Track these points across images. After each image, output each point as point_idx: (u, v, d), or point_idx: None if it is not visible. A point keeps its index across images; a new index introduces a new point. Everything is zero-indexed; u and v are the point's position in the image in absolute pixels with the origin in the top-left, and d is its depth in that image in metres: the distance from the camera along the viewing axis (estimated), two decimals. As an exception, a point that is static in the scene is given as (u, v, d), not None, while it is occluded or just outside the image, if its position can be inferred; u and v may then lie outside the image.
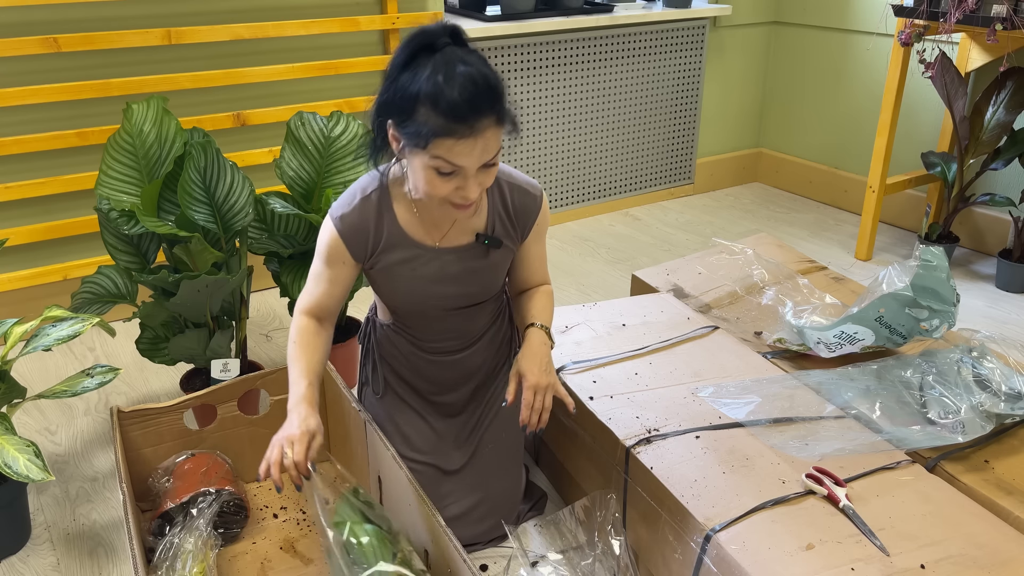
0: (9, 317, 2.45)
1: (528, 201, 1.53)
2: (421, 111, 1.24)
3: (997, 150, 2.85)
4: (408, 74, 1.27)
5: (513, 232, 1.54)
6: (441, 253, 1.50)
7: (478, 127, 1.24)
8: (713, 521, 1.32)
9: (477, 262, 1.53)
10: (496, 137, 1.28)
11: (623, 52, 3.32)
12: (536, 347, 1.50)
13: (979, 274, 2.98)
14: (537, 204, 1.54)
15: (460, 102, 1.22)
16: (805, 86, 3.66)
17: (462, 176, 1.29)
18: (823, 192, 3.69)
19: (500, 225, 1.52)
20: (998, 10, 2.50)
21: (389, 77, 1.31)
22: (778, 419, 1.57)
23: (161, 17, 2.45)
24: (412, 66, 1.27)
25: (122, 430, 1.67)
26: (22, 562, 1.68)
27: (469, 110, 1.22)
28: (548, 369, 1.47)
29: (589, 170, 3.44)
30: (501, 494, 1.68)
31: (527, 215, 1.53)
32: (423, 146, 1.26)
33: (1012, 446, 1.54)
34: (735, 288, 2.13)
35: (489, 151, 1.28)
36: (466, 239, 1.51)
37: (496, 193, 1.51)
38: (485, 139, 1.26)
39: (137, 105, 1.89)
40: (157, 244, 1.96)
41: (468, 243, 1.51)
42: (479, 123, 1.24)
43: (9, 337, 1.68)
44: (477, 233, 1.51)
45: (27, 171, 2.41)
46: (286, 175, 2.04)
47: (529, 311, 1.58)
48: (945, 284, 1.64)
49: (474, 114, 1.23)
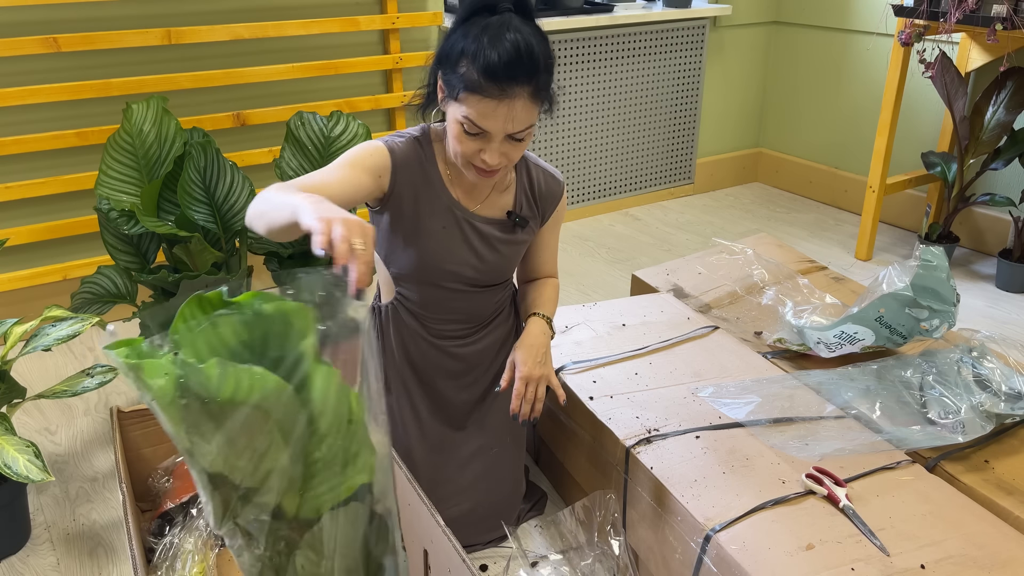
0: (9, 317, 2.45)
1: (553, 186, 1.58)
2: (463, 63, 1.29)
3: (997, 150, 2.85)
4: (462, 29, 1.32)
5: (536, 214, 1.58)
6: (473, 219, 1.51)
7: (509, 92, 1.27)
8: (713, 521, 1.32)
9: (503, 237, 1.55)
10: (527, 110, 1.30)
11: (623, 52, 3.32)
12: (534, 336, 1.52)
13: (979, 274, 2.98)
14: (560, 190, 1.60)
15: (497, 64, 1.25)
16: (805, 86, 3.66)
17: (486, 140, 1.32)
18: (823, 192, 3.69)
19: (527, 206, 1.57)
20: (998, 10, 2.50)
21: (448, 33, 1.36)
22: (778, 419, 1.57)
23: (161, 17, 2.45)
24: (468, 23, 1.32)
25: (122, 430, 1.67)
26: (22, 562, 1.68)
27: (504, 73, 1.25)
28: (543, 360, 1.49)
29: (589, 170, 3.44)
30: (503, 497, 1.68)
31: (551, 199, 1.58)
32: (455, 96, 1.30)
33: (1012, 446, 1.54)
34: (735, 288, 2.13)
35: (517, 121, 1.30)
36: (496, 214, 1.54)
37: (524, 175, 1.56)
38: (513, 107, 1.28)
39: (137, 105, 1.89)
40: (157, 244, 1.96)
41: (498, 218, 1.54)
42: (511, 89, 1.27)
43: (9, 337, 1.68)
44: (508, 211, 1.55)
45: (27, 171, 2.41)
46: (286, 175, 2.04)
47: (534, 300, 1.61)
48: (945, 284, 1.64)
49: (507, 79, 1.26)
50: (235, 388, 0.84)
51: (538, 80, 1.29)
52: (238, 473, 0.87)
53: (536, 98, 1.31)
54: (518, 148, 1.35)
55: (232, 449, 0.86)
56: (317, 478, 0.92)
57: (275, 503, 0.90)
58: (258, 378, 0.85)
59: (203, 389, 0.84)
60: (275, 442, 0.87)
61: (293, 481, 0.90)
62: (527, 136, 1.34)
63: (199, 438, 0.86)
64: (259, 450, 0.87)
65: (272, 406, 0.86)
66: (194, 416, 0.85)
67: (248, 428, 0.85)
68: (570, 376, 1.74)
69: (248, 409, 0.85)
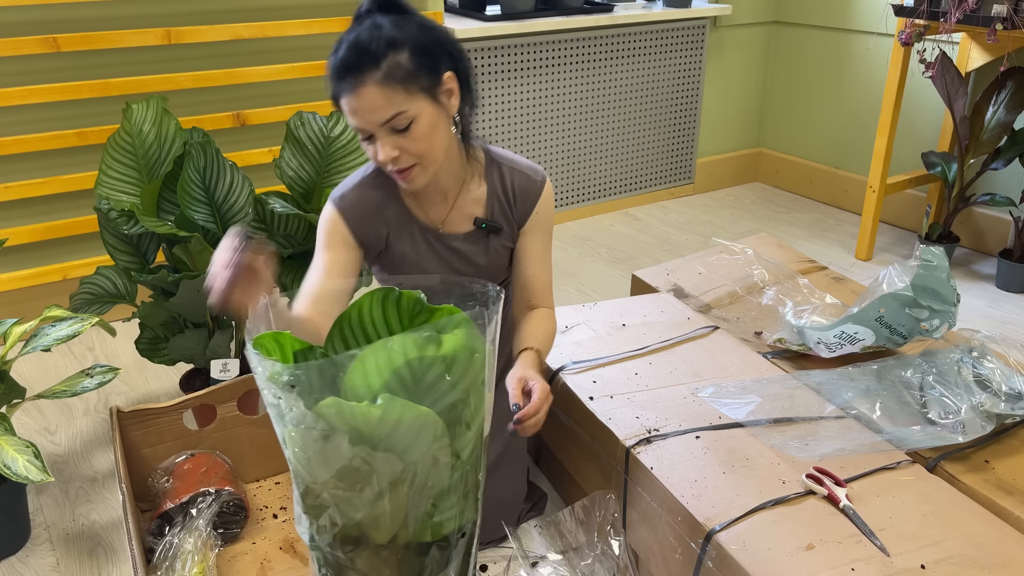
0: (9, 317, 2.45)
1: (528, 185, 1.52)
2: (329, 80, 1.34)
3: (997, 150, 2.85)
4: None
5: (512, 216, 1.53)
6: (444, 239, 1.51)
7: (356, 84, 1.28)
8: (713, 521, 1.32)
9: (477, 249, 1.53)
10: (381, 95, 1.28)
11: (623, 52, 3.32)
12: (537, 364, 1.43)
13: (979, 274, 2.98)
14: (538, 188, 1.52)
15: (336, 64, 1.30)
16: (805, 86, 3.66)
17: (374, 140, 1.34)
18: (823, 192, 3.69)
19: (500, 210, 1.52)
20: (998, 10, 2.50)
21: None
22: (778, 419, 1.57)
23: (161, 17, 2.45)
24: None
25: (122, 430, 1.67)
26: (22, 562, 1.68)
27: (343, 70, 1.29)
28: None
29: (589, 170, 3.44)
30: (504, 497, 1.68)
31: (527, 198, 1.52)
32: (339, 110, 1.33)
33: (1012, 446, 1.54)
34: (735, 288, 2.13)
35: (377, 110, 1.29)
36: (467, 227, 1.51)
37: (496, 177, 1.51)
38: (363, 97, 1.28)
39: (137, 105, 1.89)
40: (157, 244, 1.96)
41: (469, 231, 1.51)
42: (354, 80, 1.28)
43: (9, 337, 1.68)
44: (475, 218, 1.50)
45: (27, 171, 2.41)
46: (286, 175, 2.04)
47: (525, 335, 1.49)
48: (945, 284, 1.64)
49: (348, 73, 1.28)
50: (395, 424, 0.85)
51: (382, 63, 1.27)
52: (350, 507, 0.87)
53: (388, 81, 1.28)
54: (411, 139, 1.32)
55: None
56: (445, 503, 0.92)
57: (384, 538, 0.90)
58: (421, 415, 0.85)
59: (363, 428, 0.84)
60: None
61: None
62: (415, 126, 1.31)
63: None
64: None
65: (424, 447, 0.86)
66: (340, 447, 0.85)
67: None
68: (570, 376, 1.74)
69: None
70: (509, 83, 3.10)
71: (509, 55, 3.05)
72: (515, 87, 3.11)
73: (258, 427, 1.80)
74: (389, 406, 0.83)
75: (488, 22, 2.96)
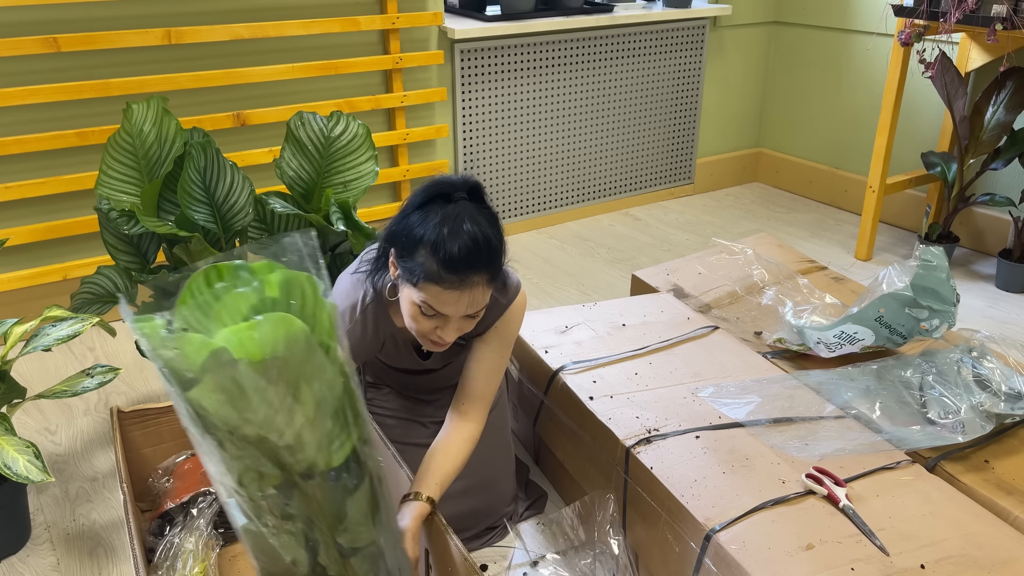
0: (9, 317, 2.45)
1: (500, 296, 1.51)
2: (421, 252, 1.31)
3: (997, 150, 2.85)
4: (419, 215, 1.33)
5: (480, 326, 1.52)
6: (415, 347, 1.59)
7: (468, 282, 1.30)
8: (713, 521, 1.32)
9: (456, 357, 1.62)
10: (485, 294, 1.34)
11: (623, 52, 3.32)
12: (421, 517, 1.37)
13: (979, 274, 2.98)
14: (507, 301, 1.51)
15: (457, 257, 1.28)
16: (805, 86, 3.66)
17: (443, 319, 1.35)
18: (823, 192, 3.69)
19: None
20: (998, 10, 2.50)
21: (403, 212, 1.38)
22: (778, 419, 1.57)
23: (161, 17, 2.45)
24: (425, 209, 1.33)
25: (122, 430, 1.67)
26: (22, 562, 1.68)
27: (465, 266, 1.28)
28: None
29: (589, 170, 3.44)
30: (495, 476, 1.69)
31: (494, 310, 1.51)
32: (415, 284, 1.32)
33: (1012, 446, 1.54)
34: (735, 288, 2.13)
35: (476, 304, 1.34)
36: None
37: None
38: (473, 294, 1.32)
39: (137, 105, 1.89)
40: (157, 244, 1.96)
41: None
42: (469, 279, 1.30)
43: (9, 337, 1.68)
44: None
45: (27, 171, 2.41)
46: (286, 175, 2.04)
47: (433, 471, 1.44)
48: (945, 284, 1.64)
49: (467, 270, 1.29)
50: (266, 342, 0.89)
51: (495, 267, 1.33)
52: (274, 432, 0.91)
53: (491, 282, 1.34)
54: (472, 322, 1.39)
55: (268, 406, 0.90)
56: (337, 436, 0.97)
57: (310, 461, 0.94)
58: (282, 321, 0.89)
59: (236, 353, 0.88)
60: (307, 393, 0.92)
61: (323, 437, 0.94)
62: (482, 311, 1.37)
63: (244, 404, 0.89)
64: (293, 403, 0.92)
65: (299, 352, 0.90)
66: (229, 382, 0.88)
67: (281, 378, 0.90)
68: (570, 376, 1.74)
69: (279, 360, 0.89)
70: (509, 83, 3.10)
71: (509, 55, 3.06)
72: (515, 87, 3.12)
73: (258, 427, 1.80)
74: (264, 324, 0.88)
75: (488, 22, 2.96)
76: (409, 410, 1.71)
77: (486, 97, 3.07)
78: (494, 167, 3.19)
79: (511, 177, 3.24)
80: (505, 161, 3.20)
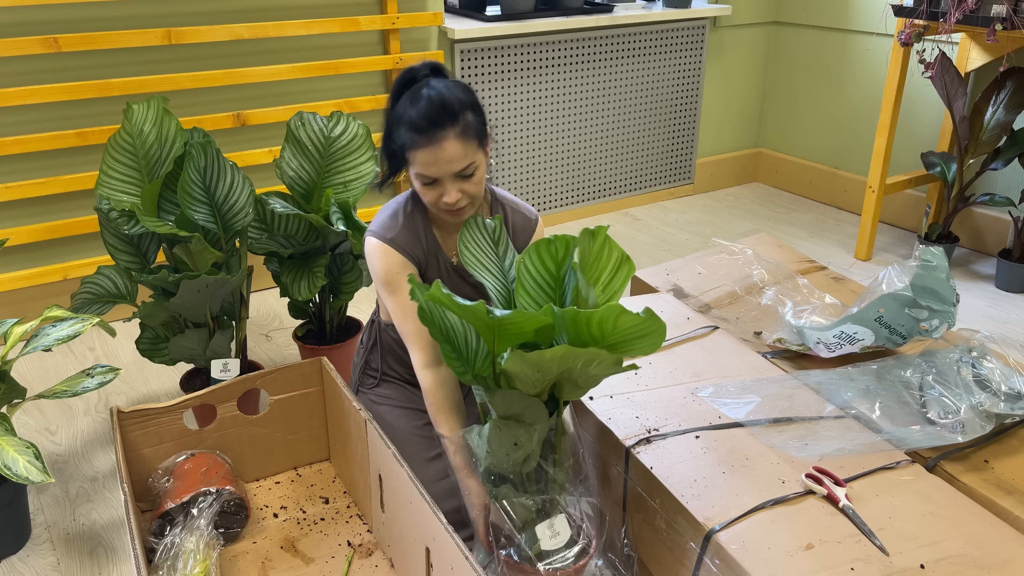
0: (9, 317, 2.45)
1: (525, 223, 1.68)
2: (400, 131, 1.48)
3: (997, 150, 2.85)
4: (395, 107, 1.52)
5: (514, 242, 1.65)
6: (459, 269, 1.64)
7: (436, 138, 1.44)
8: (713, 521, 1.32)
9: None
10: (459, 148, 1.45)
11: (623, 52, 3.33)
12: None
13: (979, 274, 2.98)
14: (533, 225, 1.69)
15: (418, 119, 1.44)
16: (805, 86, 3.66)
17: (440, 185, 1.49)
18: (823, 192, 3.69)
19: None
20: (998, 10, 2.50)
21: (386, 111, 1.55)
22: (778, 419, 1.57)
23: (161, 17, 2.45)
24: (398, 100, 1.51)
25: (122, 430, 1.67)
26: (22, 562, 1.68)
27: (427, 124, 1.43)
28: None
29: (589, 170, 3.44)
30: None
31: (523, 233, 1.68)
32: (405, 160, 1.50)
33: (1012, 446, 1.54)
34: (735, 288, 2.13)
35: (454, 161, 1.46)
36: None
37: (500, 213, 1.66)
38: (445, 148, 1.44)
39: (137, 105, 1.89)
40: (157, 244, 1.96)
41: None
42: (436, 135, 1.43)
43: (9, 337, 1.68)
44: None
45: (27, 171, 2.41)
46: (286, 175, 2.04)
47: None
48: (945, 284, 1.64)
49: (431, 128, 1.43)
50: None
51: (459, 121, 1.44)
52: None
53: (464, 136, 1.45)
54: (472, 183, 1.51)
55: None
56: None
57: None
58: None
59: None
60: None
61: None
62: (477, 172, 1.50)
63: None
64: None
65: None
66: None
67: None
68: (570, 376, 1.75)
69: None
70: (509, 83, 3.10)
71: (509, 55, 3.06)
72: (515, 87, 3.12)
73: (258, 427, 1.80)
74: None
75: (488, 22, 2.96)
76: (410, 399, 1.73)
77: (486, 97, 3.07)
78: (494, 167, 3.19)
79: (511, 177, 3.25)
80: (505, 161, 3.21)
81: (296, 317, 2.20)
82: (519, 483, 1.39)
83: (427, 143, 1.44)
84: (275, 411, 1.80)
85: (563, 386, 1.32)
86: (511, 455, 1.33)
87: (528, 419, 1.30)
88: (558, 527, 1.38)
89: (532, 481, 1.40)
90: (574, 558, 1.36)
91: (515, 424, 1.31)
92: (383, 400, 1.74)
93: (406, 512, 1.48)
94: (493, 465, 1.35)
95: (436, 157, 1.45)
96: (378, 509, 1.61)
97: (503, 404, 1.30)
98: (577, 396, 1.36)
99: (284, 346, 2.48)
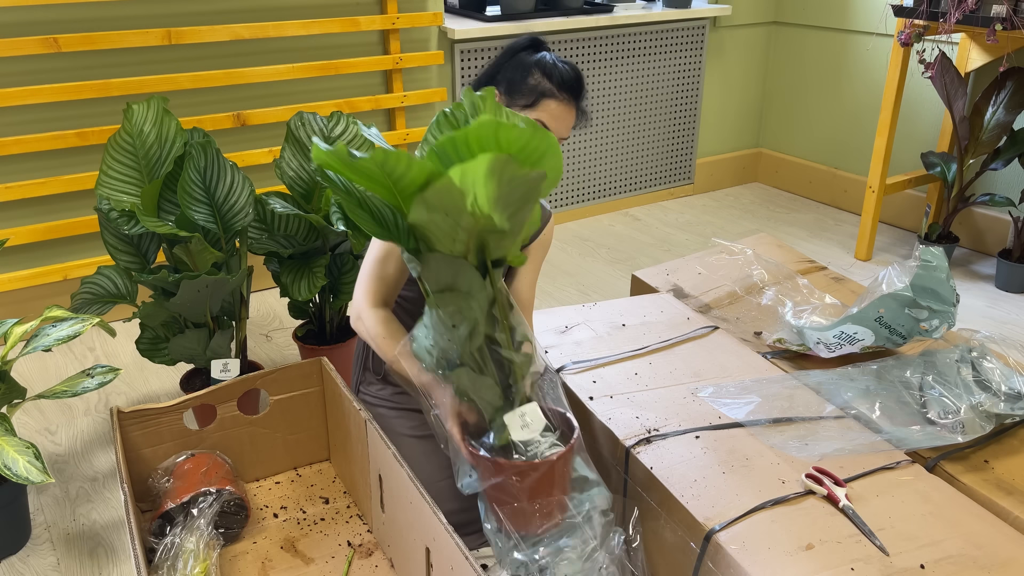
0: (9, 317, 2.46)
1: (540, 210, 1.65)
2: (535, 76, 1.52)
3: (997, 150, 2.85)
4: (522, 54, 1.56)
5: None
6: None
7: (572, 104, 1.54)
8: (713, 521, 1.33)
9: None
10: (573, 123, 1.56)
11: (623, 52, 3.33)
12: None
13: (979, 274, 2.98)
14: (547, 214, 1.70)
15: (569, 77, 1.52)
16: (805, 86, 3.66)
17: None
18: (823, 192, 3.69)
19: None
20: (998, 10, 2.50)
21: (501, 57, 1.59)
22: (778, 419, 1.57)
23: (161, 17, 2.45)
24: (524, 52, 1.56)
25: (122, 430, 1.67)
26: (22, 562, 1.68)
27: (575, 84, 1.53)
28: None
29: (589, 170, 3.44)
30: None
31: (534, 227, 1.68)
32: (533, 103, 1.52)
33: (1012, 446, 1.54)
34: (735, 288, 2.13)
35: (567, 131, 1.56)
36: None
37: None
38: (572, 115, 1.54)
39: (137, 105, 1.89)
40: (157, 244, 1.96)
41: None
42: (573, 101, 1.54)
43: (9, 337, 1.68)
44: None
45: (27, 171, 2.41)
46: (286, 175, 2.04)
47: None
48: (945, 284, 1.64)
49: (576, 90, 1.53)
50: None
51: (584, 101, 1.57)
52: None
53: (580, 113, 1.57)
54: None
55: None
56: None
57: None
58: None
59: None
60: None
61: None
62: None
63: None
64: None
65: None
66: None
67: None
68: (570, 376, 1.74)
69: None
70: (509, 83, 3.10)
71: (509, 55, 3.06)
72: (515, 87, 3.12)
73: (258, 427, 1.80)
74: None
75: (488, 22, 2.96)
76: (410, 400, 1.73)
77: (486, 97, 3.06)
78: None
79: (511, 177, 3.24)
80: (505, 161, 3.20)
81: (296, 317, 2.20)
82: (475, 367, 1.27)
83: (567, 100, 1.52)
84: (275, 411, 1.80)
85: (488, 240, 1.21)
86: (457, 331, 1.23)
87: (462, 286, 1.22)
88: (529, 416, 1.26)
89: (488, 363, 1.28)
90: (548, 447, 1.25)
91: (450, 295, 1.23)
92: (383, 400, 1.74)
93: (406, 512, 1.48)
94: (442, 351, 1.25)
95: (566, 115, 1.53)
96: (378, 509, 1.61)
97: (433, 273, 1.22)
98: (508, 252, 1.25)
99: (284, 346, 2.48)
